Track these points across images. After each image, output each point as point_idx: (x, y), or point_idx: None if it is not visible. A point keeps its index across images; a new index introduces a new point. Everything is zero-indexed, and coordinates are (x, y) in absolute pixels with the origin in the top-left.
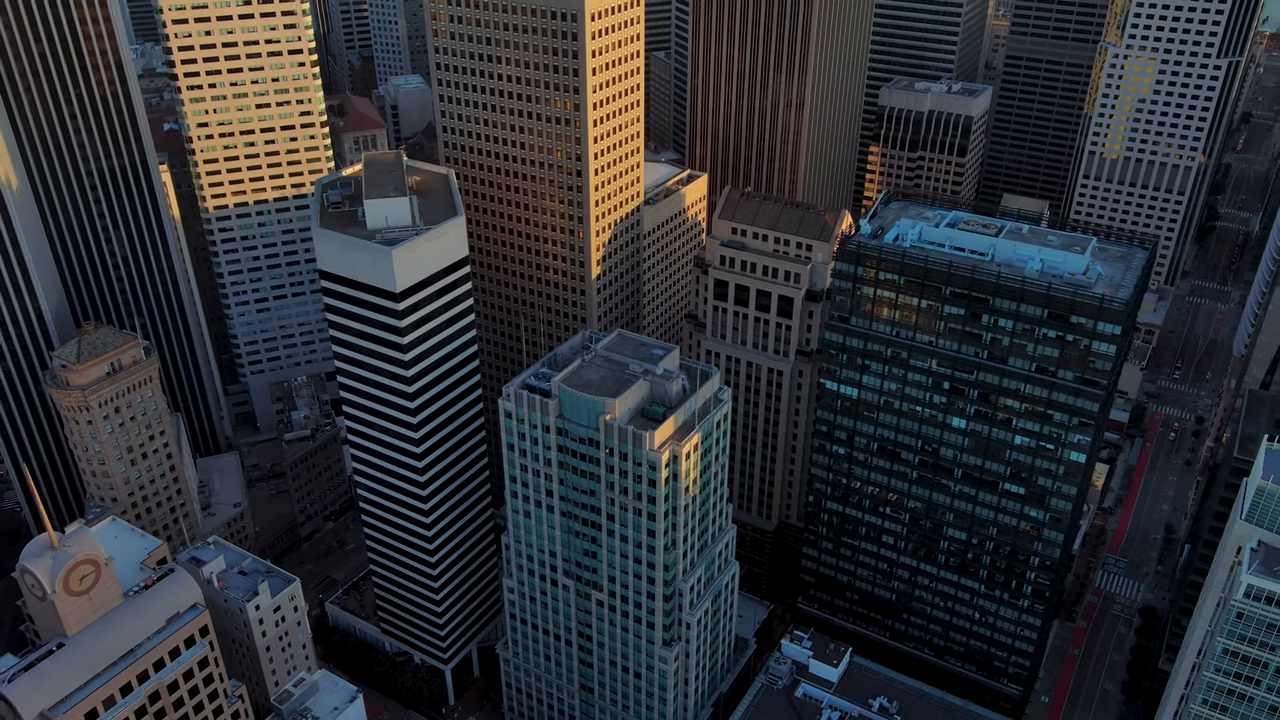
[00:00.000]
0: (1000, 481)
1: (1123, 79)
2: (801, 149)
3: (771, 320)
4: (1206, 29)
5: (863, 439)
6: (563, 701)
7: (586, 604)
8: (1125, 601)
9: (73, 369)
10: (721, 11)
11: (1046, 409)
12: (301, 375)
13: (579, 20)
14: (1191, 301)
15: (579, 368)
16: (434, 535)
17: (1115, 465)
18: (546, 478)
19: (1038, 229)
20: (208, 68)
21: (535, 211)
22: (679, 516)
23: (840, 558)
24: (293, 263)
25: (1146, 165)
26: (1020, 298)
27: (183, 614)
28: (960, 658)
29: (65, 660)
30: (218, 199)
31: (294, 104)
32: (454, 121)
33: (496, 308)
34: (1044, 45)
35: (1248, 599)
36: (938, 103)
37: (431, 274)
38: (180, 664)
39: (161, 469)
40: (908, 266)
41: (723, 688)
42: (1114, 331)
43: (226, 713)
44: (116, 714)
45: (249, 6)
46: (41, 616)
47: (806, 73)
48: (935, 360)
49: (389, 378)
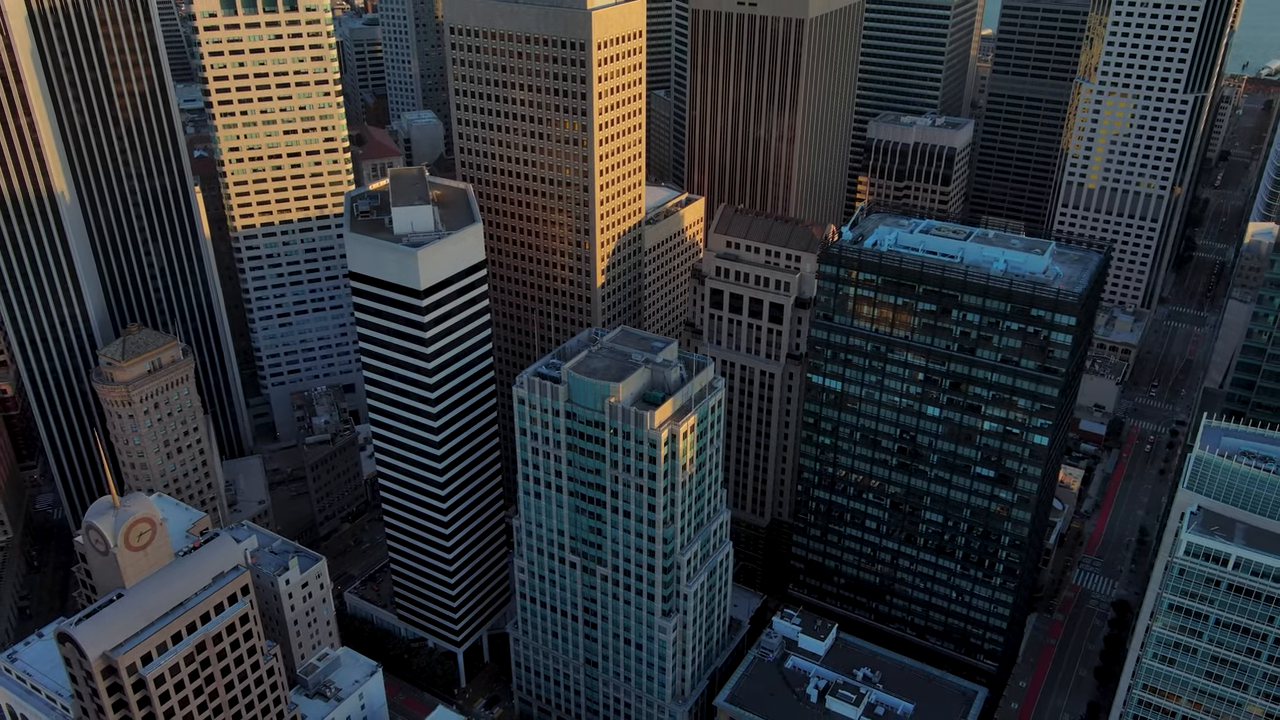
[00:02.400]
0: (972, 465)
1: (1098, 114)
2: (793, 178)
3: (764, 326)
4: (1174, 66)
5: (846, 429)
6: (568, 677)
7: (592, 580)
8: (1100, 597)
9: (118, 366)
10: (718, 49)
11: (1011, 396)
12: (321, 386)
13: (587, 49)
14: (1169, 325)
15: (586, 357)
16: (450, 520)
17: (1093, 474)
18: (556, 459)
19: (1002, 234)
20: (240, 96)
21: (545, 224)
22: (677, 492)
23: (827, 544)
24: (314, 279)
25: (1122, 194)
26: (985, 294)
27: (226, 574)
28: (940, 636)
29: (124, 608)
30: (246, 219)
31: (319, 131)
32: (471, 143)
33: (509, 314)
34: (1024, 83)
35: (1188, 556)
36: (923, 135)
37: (452, 275)
38: (224, 618)
39: (194, 463)
40: (885, 268)
41: (718, 663)
42: (1069, 323)
43: (263, 668)
44: (167, 660)
45: (279, 40)
46: (101, 571)
47: (797, 107)
48: (910, 353)
49: (412, 370)
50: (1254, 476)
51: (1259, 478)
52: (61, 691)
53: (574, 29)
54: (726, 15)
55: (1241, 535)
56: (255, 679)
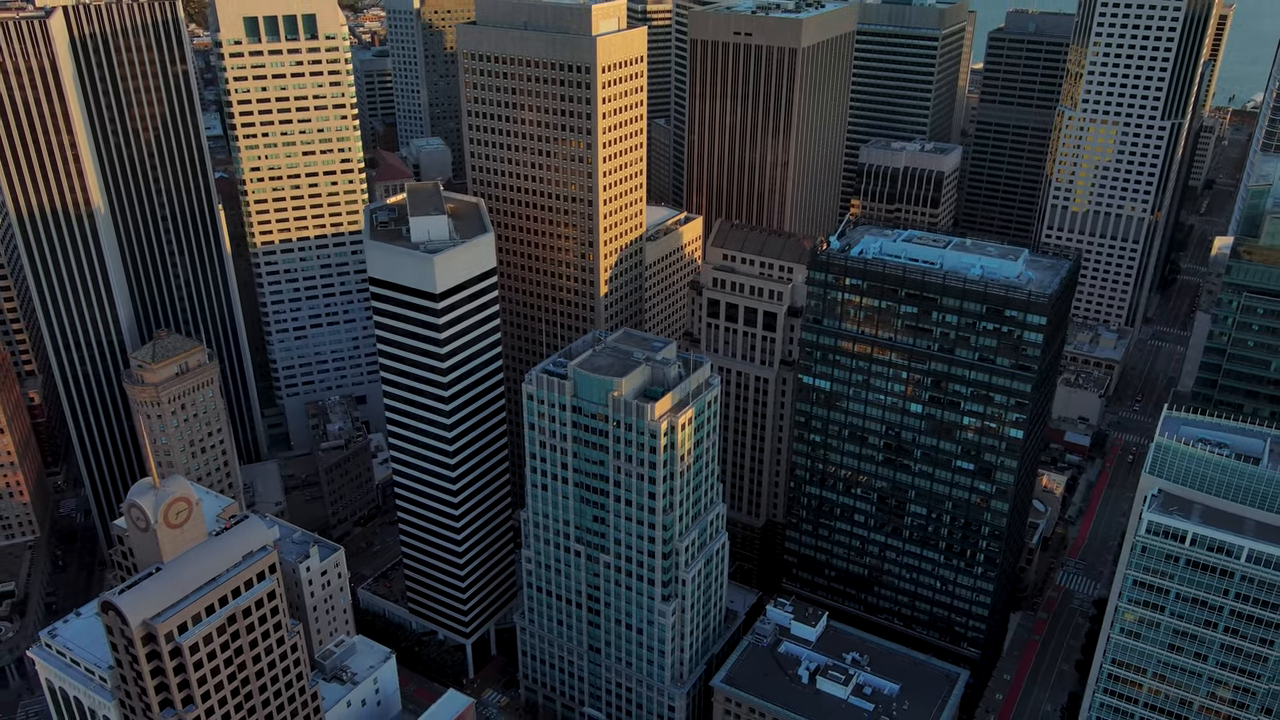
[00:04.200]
0: (953, 459)
1: (1082, 140)
2: (788, 200)
3: (758, 334)
4: (1150, 94)
5: (835, 427)
6: (572, 664)
7: (595, 567)
8: (1083, 597)
9: (148, 368)
10: (716, 77)
11: (988, 392)
12: (334, 396)
13: (592, 73)
14: (1153, 344)
15: (590, 356)
16: (461, 515)
17: (1078, 483)
18: (562, 452)
19: (979, 243)
20: (262, 119)
21: (552, 236)
22: (676, 481)
23: (819, 538)
24: (329, 294)
25: (1104, 216)
26: (963, 296)
27: (255, 553)
28: (926, 625)
29: (162, 580)
30: (265, 236)
31: (336, 152)
32: (483, 160)
33: (517, 323)
34: (1010, 111)
35: (1149, 534)
36: (912, 160)
37: (465, 280)
38: (253, 593)
39: (217, 463)
40: (870, 273)
41: (715, 649)
42: (1041, 322)
43: (287, 644)
44: (201, 629)
45: (300, 66)
46: (141, 548)
47: (791, 132)
48: (894, 354)
49: (427, 370)
50: (1209, 460)
51: (1214, 461)
52: (99, 664)
53: (580, 54)
54: (723, 44)
55: (1198, 514)
56: (280, 654)
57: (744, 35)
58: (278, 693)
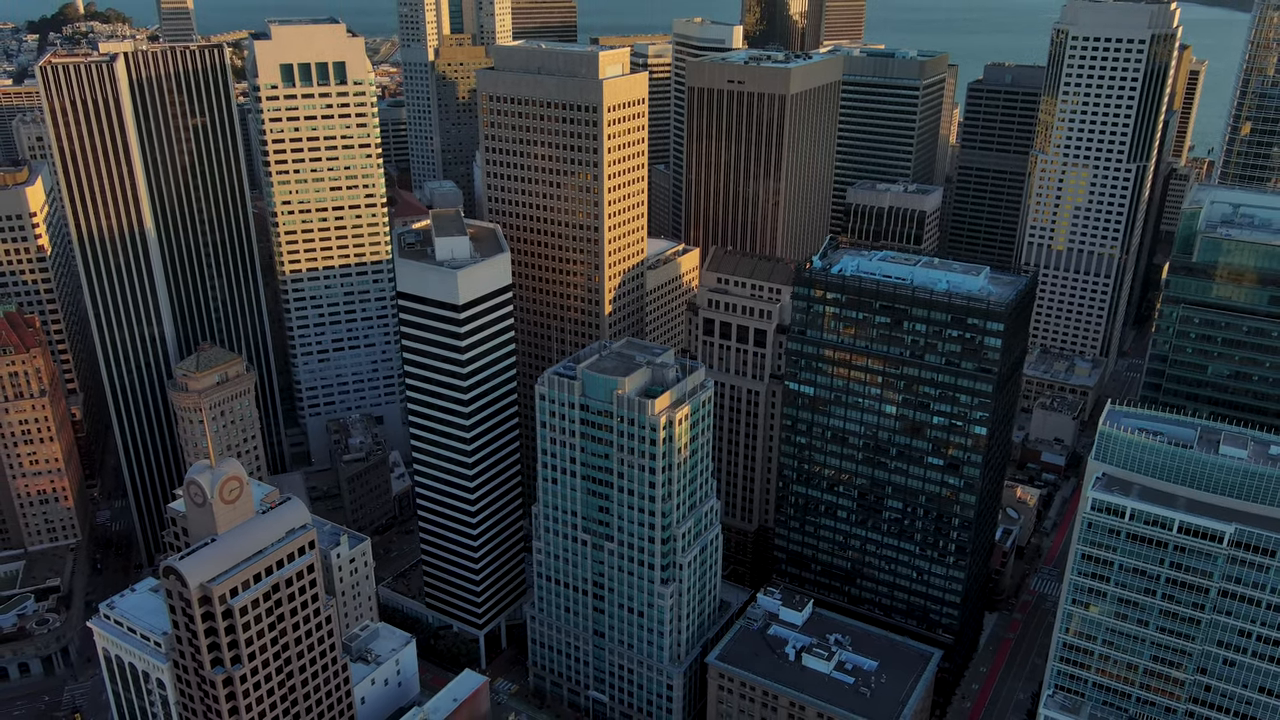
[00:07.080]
0: (925, 456)
1: (1062, 182)
2: (779, 235)
3: (749, 350)
4: (1116, 138)
5: (819, 429)
6: (578, 649)
7: (600, 555)
8: (1054, 600)
9: (192, 377)
10: (711, 120)
11: (954, 393)
12: (354, 415)
13: (598, 112)
14: (1128, 375)
15: (597, 360)
16: (477, 511)
17: (1053, 498)
18: (571, 447)
19: (945, 261)
20: (294, 156)
21: (561, 260)
22: (673, 471)
23: (805, 534)
24: (351, 320)
25: (1077, 254)
26: (931, 307)
27: (296, 530)
28: (904, 614)
29: (217, 549)
30: (294, 264)
31: (360, 188)
32: (499, 191)
33: (530, 338)
34: (990, 156)
35: (1094, 511)
36: (896, 200)
37: (485, 294)
38: (294, 565)
39: (251, 468)
40: (848, 288)
41: (709, 634)
42: (999, 328)
43: (322, 615)
44: (249, 595)
45: (329, 109)
46: (196, 522)
47: (781, 172)
48: (870, 360)
49: (449, 375)
50: (1147, 446)
51: (1151, 447)
52: (153, 631)
53: (588, 95)
54: (718, 91)
55: (1137, 493)
56: (316, 624)
57: (737, 83)
58: (313, 660)
